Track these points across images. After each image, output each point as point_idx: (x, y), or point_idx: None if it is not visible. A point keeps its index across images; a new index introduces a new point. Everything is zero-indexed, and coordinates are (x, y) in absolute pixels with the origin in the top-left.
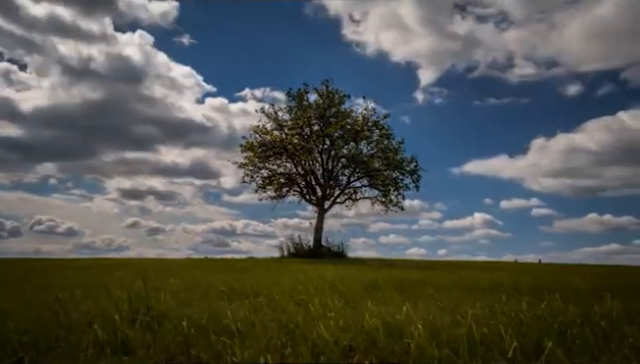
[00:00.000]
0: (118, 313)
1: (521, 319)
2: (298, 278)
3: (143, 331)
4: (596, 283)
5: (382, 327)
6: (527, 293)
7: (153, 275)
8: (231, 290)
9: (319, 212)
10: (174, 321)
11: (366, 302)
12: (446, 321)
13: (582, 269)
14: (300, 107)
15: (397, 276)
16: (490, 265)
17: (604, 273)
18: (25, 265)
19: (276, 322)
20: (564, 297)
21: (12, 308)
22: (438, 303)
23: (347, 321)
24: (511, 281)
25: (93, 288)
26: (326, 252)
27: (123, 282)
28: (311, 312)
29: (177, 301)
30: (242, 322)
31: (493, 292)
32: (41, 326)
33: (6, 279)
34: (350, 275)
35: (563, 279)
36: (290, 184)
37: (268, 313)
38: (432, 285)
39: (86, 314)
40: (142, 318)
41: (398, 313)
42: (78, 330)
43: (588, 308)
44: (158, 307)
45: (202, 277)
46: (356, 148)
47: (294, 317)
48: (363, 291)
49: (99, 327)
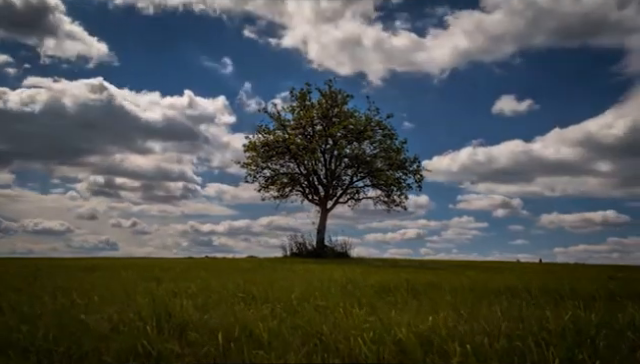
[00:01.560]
0: (142, 321)
1: (548, 329)
2: (310, 281)
3: (172, 340)
4: (607, 286)
5: (414, 339)
6: (540, 297)
7: (160, 275)
8: (246, 293)
9: (322, 212)
10: (199, 329)
11: (383, 308)
12: (468, 329)
13: (586, 270)
14: (303, 107)
15: (406, 278)
16: (493, 265)
17: (607, 273)
18: (23, 264)
19: (299, 329)
20: (581, 303)
21: (34, 314)
22: (460, 311)
23: (374, 330)
24: (522, 284)
25: (106, 289)
26: (329, 252)
27: (136, 285)
28: (334, 320)
29: (195, 306)
30: (270, 331)
31: (507, 296)
32: (68, 334)
33: (15, 281)
34: (359, 277)
35: (573, 282)
36: (293, 184)
37: (287, 319)
38: (444, 288)
39: (109, 321)
40: (166, 325)
41: (419, 320)
42: (105, 338)
43: (610, 316)
44: (180, 314)
45: (212, 279)
46: (359, 148)
47: (317, 325)
48: (376, 295)
49: (125, 335)
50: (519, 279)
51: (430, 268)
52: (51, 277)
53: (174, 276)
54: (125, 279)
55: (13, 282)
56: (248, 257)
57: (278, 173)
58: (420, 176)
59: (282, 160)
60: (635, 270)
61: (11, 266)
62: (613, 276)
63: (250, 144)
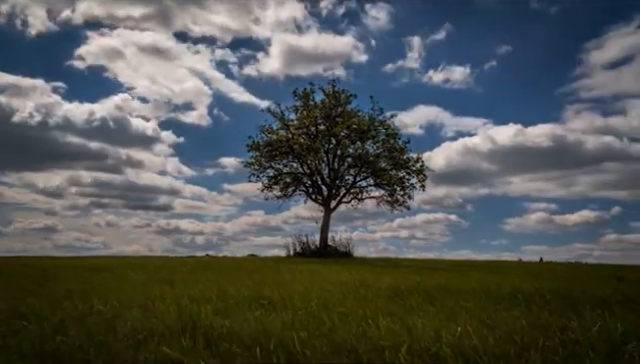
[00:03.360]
0: (168, 329)
1: (576, 339)
2: (321, 284)
3: (203, 350)
4: (620, 289)
5: (450, 351)
6: (555, 302)
7: (169, 277)
8: (264, 298)
9: (325, 212)
10: (225, 337)
11: (401, 313)
12: (497, 339)
13: (589, 270)
14: (306, 107)
15: (417, 281)
16: (497, 265)
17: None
18: (23, 263)
19: (324, 338)
20: (599, 309)
21: (56, 320)
22: (486, 320)
23: (403, 341)
24: (532, 287)
25: (120, 292)
26: (333, 252)
27: (150, 288)
28: (360, 329)
29: (214, 311)
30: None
31: (522, 301)
32: (98, 343)
33: (25, 283)
34: (368, 279)
35: (583, 284)
36: (296, 184)
37: (309, 326)
38: (456, 292)
39: (134, 329)
40: (191, 333)
41: (443, 328)
42: (133, 346)
43: (634, 325)
44: (204, 321)
45: (222, 281)
46: (362, 147)
47: (344, 334)
48: (390, 300)
49: (154, 343)
50: (529, 282)
51: (433, 268)
52: (60, 278)
53: (183, 278)
54: (136, 281)
55: (23, 283)
56: (249, 256)
57: (281, 173)
58: (423, 176)
59: (285, 160)
60: (635, 270)
61: (14, 266)
62: (621, 277)
63: (253, 144)
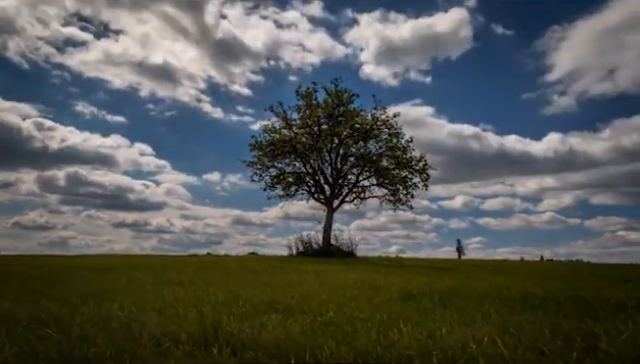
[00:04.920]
0: (190, 336)
1: (603, 348)
2: (331, 286)
3: (229, 359)
4: (634, 293)
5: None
6: (570, 306)
7: (177, 278)
8: (274, 300)
9: (328, 211)
10: (249, 345)
11: (415, 317)
12: (524, 349)
13: (593, 269)
14: (309, 106)
15: (426, 283)
16: (500, 264)
17: (618, 275)
18: (23, 263)
19: (349, 346)
20: (618, 315)
21: (73, 324)
22: (507, 327)
23: (429, 349)
24: (542, 290)
25: (131, 293)
26: (336, 251)
27: (160, 289)
28: (380, 336)
29: (231, 315)
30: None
31: (536, 305)
32: (120, 349)
33: (34, 284)
34: (376, 281)
35: (590, 285)
36: (299, 183)
37: (331, 333)
38: (468, 295)
39: (153, 335)
40: (213, 340)
41: (462, 335)
42: (159, 353)
43: None
44: (225, 327)
45: (231, 282)
46: (365, 147)
47: (368, 342)
48: (403, 304)
49: (181, 352)
50: (537, 284)
51: (438, 268)
52: (68, 280)
53: (191, 279)
54: (144, 282)
55: (32, 285)
56: (250, 254)
57: (284, 172)
58: (426, 175)
59: (288, 159)
60: (635, 269)
61: (18, 265)
62: (629, 279)
63: (256, 143)
